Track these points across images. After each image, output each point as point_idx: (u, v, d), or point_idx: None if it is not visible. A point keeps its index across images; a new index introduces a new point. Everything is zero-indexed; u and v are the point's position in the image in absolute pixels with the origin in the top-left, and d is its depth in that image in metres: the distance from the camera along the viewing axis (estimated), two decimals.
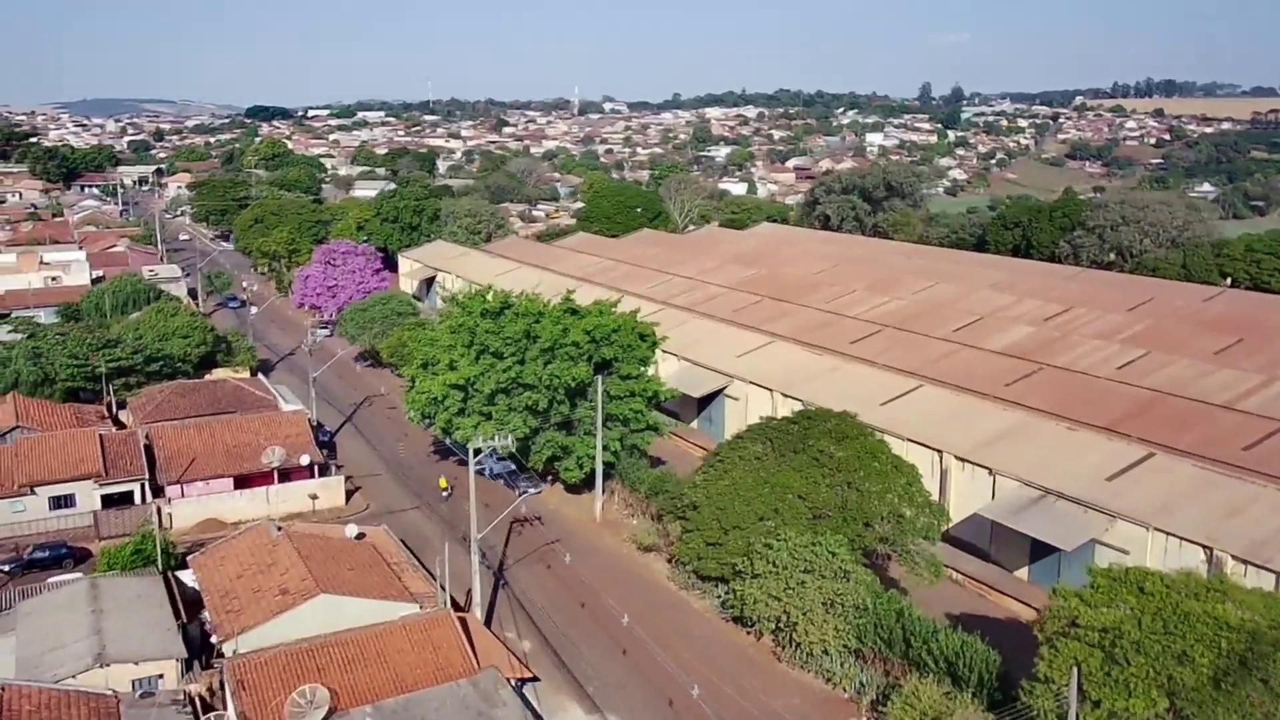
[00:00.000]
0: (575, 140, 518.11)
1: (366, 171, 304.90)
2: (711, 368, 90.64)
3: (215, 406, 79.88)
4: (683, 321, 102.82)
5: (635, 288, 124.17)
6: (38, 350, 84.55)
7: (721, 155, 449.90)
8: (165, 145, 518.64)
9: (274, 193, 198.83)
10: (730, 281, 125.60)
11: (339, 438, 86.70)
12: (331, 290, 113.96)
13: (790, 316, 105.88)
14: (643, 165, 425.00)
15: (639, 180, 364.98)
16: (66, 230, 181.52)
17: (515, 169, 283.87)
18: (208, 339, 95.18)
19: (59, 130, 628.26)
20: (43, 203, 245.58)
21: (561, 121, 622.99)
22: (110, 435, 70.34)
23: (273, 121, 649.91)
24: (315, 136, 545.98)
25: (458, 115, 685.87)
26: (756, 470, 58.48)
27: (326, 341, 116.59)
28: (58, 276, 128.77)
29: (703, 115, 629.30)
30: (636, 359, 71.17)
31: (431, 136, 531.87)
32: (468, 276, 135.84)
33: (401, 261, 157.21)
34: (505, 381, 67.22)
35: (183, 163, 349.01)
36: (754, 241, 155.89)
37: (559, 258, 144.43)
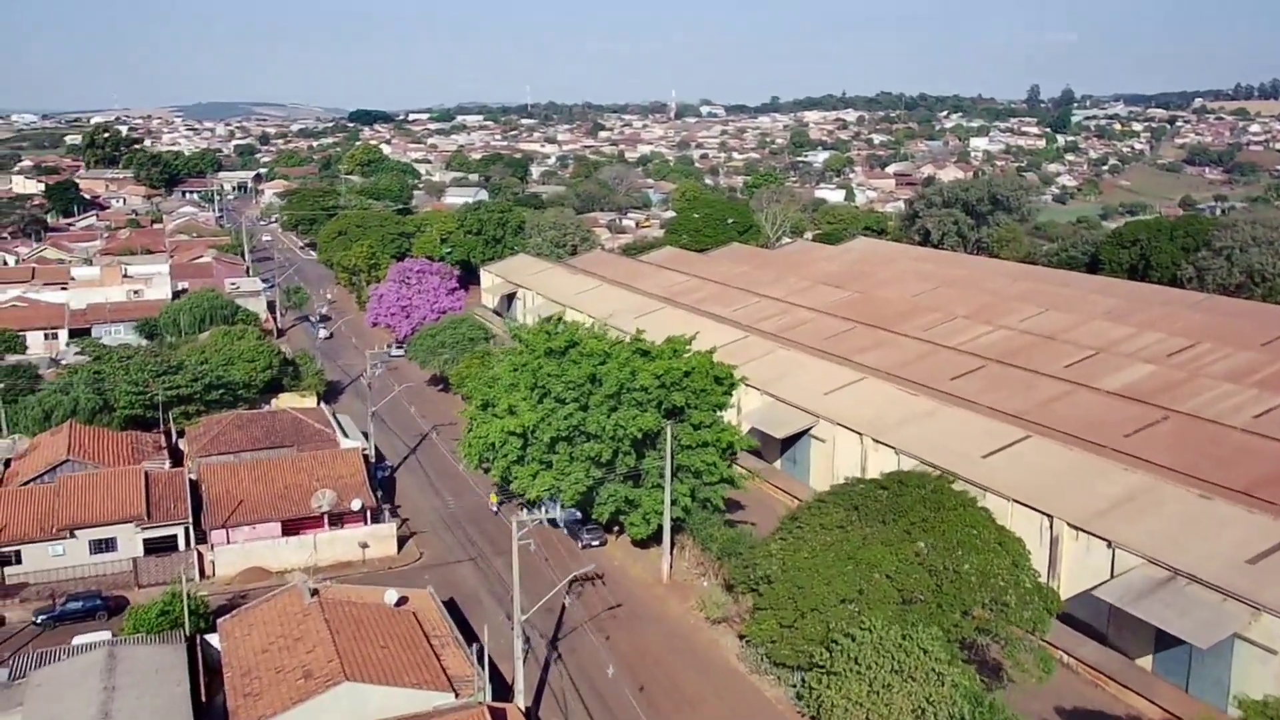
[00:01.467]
0: (671, 145, 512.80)
1: (459, 178, 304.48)
2: (797, 405, 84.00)
3: (272, 440, 76.46)
4: (768, 351, 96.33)
5: (720, 309, 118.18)
6: (100, 375, 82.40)
7: (819, 160, 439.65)
8: (270, 149, 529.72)
9: (362, 202, 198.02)
10: (821, 304, 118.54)
11: (401, 471, 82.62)
12: (405, 310, 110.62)
13: (884, 347, 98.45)
14: (738, 171, 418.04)
15: (733, 186, 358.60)
16: (160, 239, 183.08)
17: (607, 176, 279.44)
18: (274, 363, 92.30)
19: (172, 134, 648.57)
20: (144, 208, 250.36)
21: (658, 125, 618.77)
22: (156, 474, 67.16)
23: (374, 125, 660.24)
24: (414, 140, 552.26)
25: (554, 119, 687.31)
26: (840, 542, 52.00)
27: (399, 361, 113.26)
28: (140, 290, 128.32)
29: (801, 119, 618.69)
30: (711, 404, 65.12)
31: (527, 141, 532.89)
32: (548, 294, 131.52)
33: (483, 275, 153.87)
34: (566, 430, 61.90)
35: (282, 168, 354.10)
36: (848, 259, 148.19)
37: (643, 275, 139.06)
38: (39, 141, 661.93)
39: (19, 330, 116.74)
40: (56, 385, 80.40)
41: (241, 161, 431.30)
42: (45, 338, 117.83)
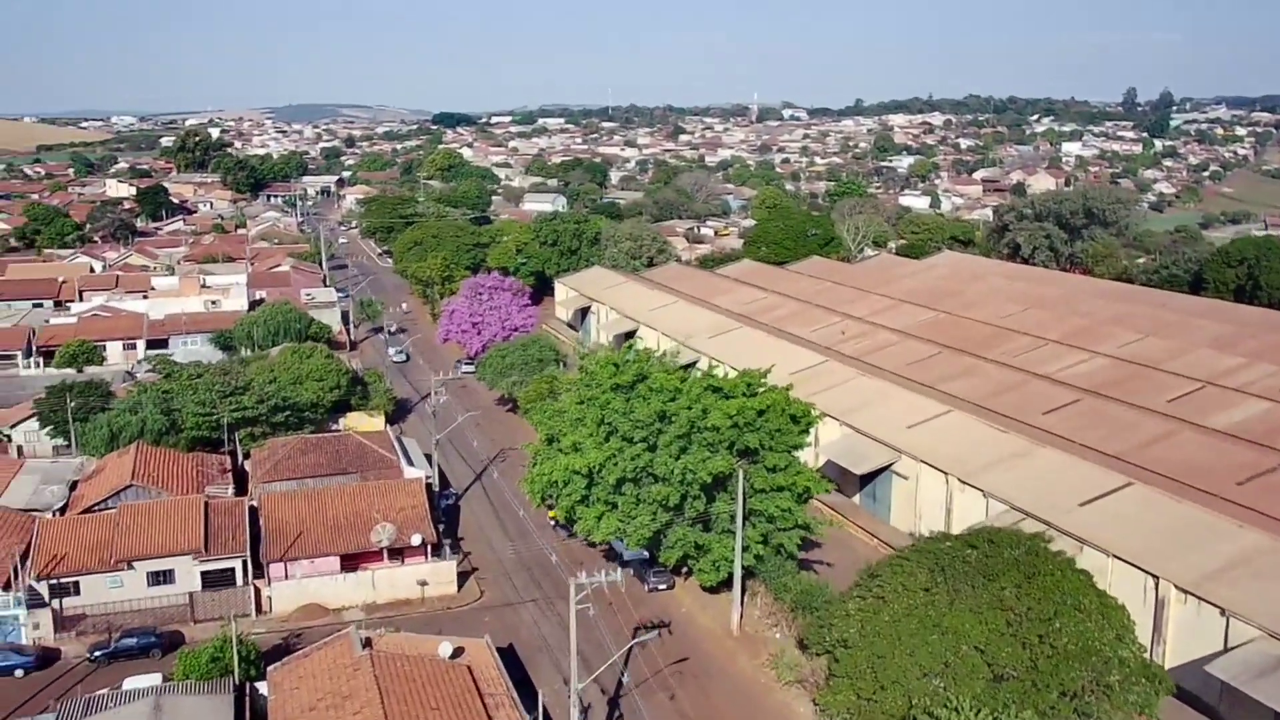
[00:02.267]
0: (752, 149, 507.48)
1: (538, 183, 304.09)
2: (878, 439, 79.81)
3: (335, 466, 74.94)
4: (848, 378, 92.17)
5: (799, 329, 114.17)
6: (168, 394, 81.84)
7: (904, 165, 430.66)
8: (355, 151, 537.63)
9: (440, 210, 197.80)
10: (905, 325, 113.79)
11: (465, 498, 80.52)
12: (476, 326, 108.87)
13: (972, 375, 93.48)
14: (819, 176, 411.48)
15: (814, 192, 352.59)
16: (242, 245, 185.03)
17: (686, 183, 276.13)
18: (342, 382, 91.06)
19: (262, 136, 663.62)
20: (229, 213, 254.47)
21: (739, 129, 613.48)
22: (216, 504, 65.89)
23: (456, 128, 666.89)
24: (495, 144, 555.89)
25: (635, 122, 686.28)
26: (924, 606, 48.13)
27: (468, 378, 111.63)
28: (217, 300, 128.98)
29: (885, 122, 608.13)
30: (787, 445, 61.50)
31: (607, 144, 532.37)
32: (622, 310, 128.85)
33: (558, 288, 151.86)
34: (633, 471, 58.87)
35: (365, 172, 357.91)
36: (933, 275, 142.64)
37: (719, 290, 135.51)
38: (136, 143, 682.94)
39: (100, 340, 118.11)
40: (126, 404, 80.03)
41: (327, 164, 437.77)
42: (124, 348, 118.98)
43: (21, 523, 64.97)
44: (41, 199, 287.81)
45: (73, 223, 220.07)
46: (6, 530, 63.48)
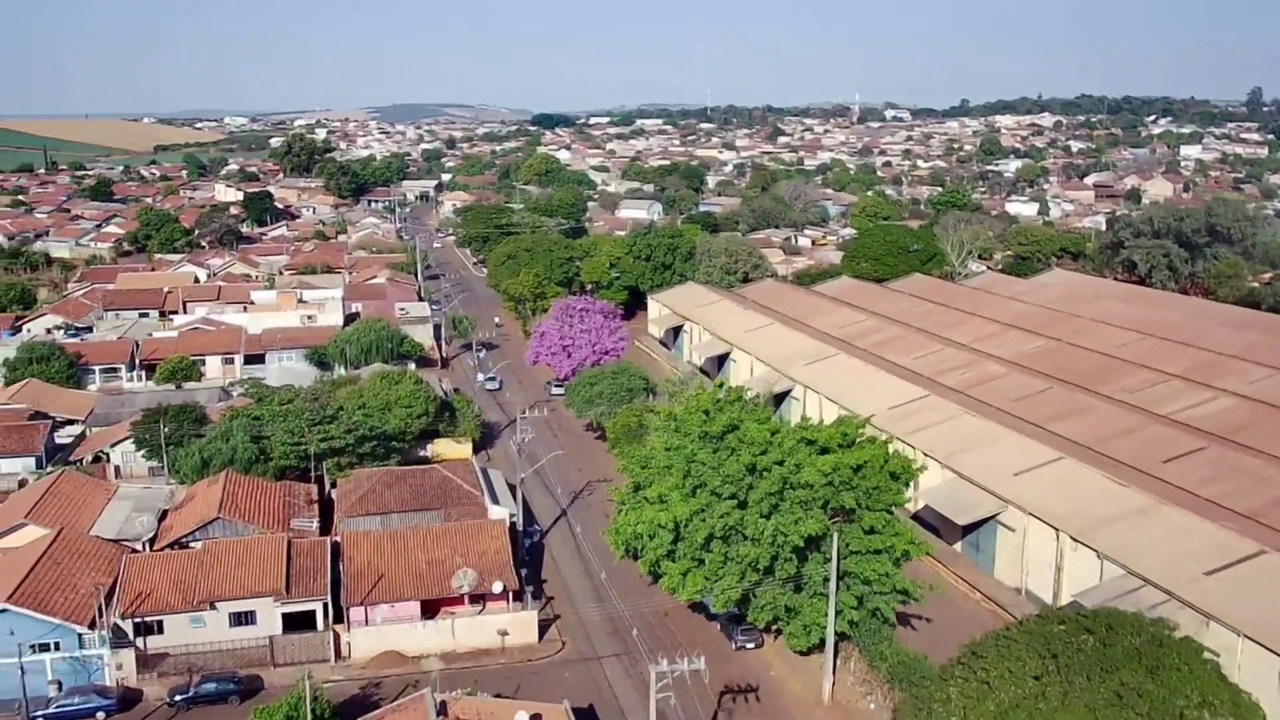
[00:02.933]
0: (852, 151, 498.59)
1: (634, 189, 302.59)
2: (983, 486, 75.50)
3: (420, 502, 73.86)
4: (951, 416, 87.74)
5: (899, 357, 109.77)
6: (258, 420, 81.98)
7: (1011, 169, 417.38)
8: (455, 153, 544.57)
9: (534, 220, 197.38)
10: (1012, 354, 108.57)
11: (550, 534, 78.72)
12: (567, 349, 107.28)
13: (1085, 414, 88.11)
14: (922, 180, 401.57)
15: (916, 197, 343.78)
16: (340, 254, 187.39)
17: (784, 191, 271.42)
18: (430, 410, 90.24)
19: (366, 137, 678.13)
20: (331, 218, 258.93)
21: (839, 130, 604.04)
22: (299, 544, 65.25)
23: (555, 129, 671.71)
24: (593, 146, 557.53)
25: (734, 123, 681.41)
26: (1034, 700, 44.31)
27: (558, 400, 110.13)
28: (313, 315, 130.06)
29: (992, 123, 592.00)
30: (885, 504, 58.01)
31: (705, 146, 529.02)
32: (715, 331, 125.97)
33: (651, 304, 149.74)
34: (721, 529, 56.09)
35: (463, 176, 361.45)
36: (1042, 296, 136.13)
37: (816, 310, 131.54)
38: (246, 144, 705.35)
39: (199, 355, 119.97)
40: (217, 431, 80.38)
41: (427, 166, 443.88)
42: (223, 362, 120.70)
43: (110, 555, 65.31)
44: (155, 202, 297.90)
45: (182, 228, 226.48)
46: (96, 563, 63.82)
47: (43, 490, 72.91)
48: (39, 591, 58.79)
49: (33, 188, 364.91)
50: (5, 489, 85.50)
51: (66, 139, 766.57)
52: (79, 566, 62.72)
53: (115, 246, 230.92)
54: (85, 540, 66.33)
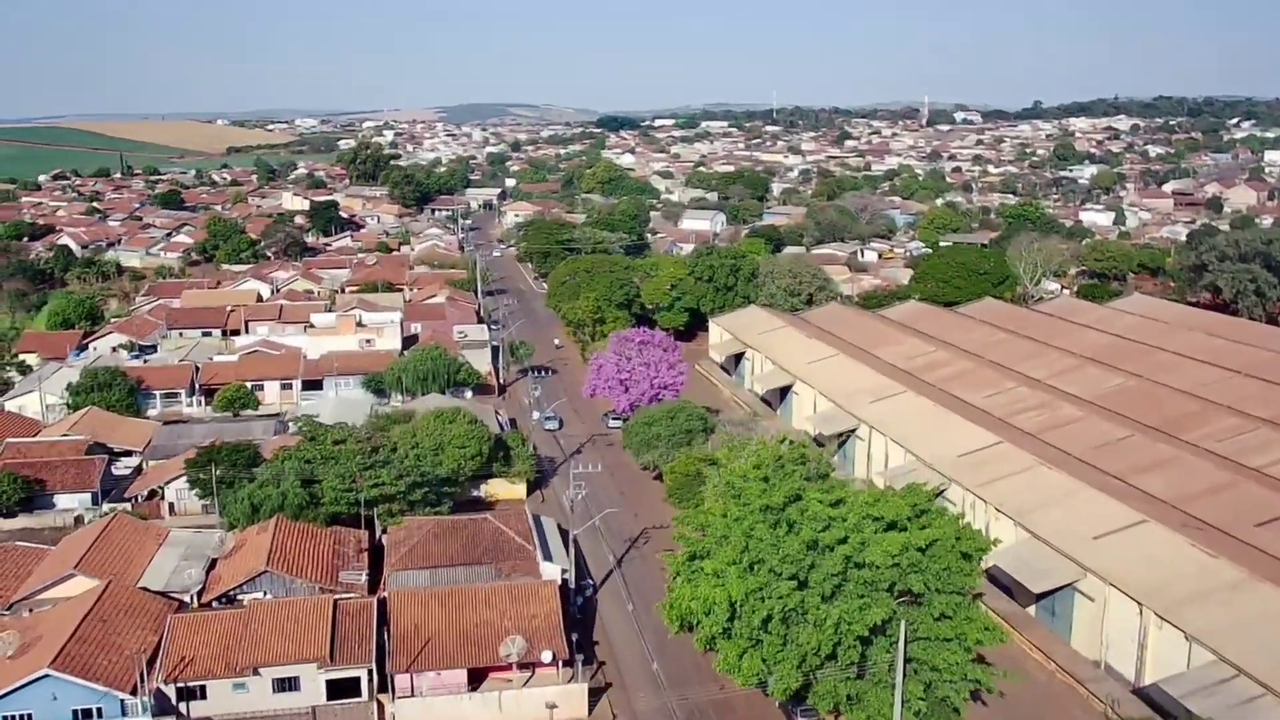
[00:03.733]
0: (920, 155, 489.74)
1: (698, 198, 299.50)
2: (1060, 549, 71.43)
3: (470, 555, 71.98)
4: (1025, 467, 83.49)
5: (969, 394, 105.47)
6: (310, 463, 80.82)
7: (1085, 176, 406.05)
8: (519, 156, 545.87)
9: (595, 235, 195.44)
10: (1090, 393, 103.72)
11: (603, 589, 76.27)
12: (624, 383, 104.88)
13: (1170, 467, 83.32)
14: (993, 187, 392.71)
15: (987, 205, 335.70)
16: (402, 270, 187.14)
17: (850, 204, 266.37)
18: (484, 450, 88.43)
19: (432, 139, 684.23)
20: (394, 228, 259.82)
21: (907, 134, 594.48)
22: (345, 606, 63.70)
23: (619, 132, 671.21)
24: (657, 149, 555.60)
25: (800, 125, 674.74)
26: None
27: (615, 433, 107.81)
28: (371, 340, 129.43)
29: (1066, 126, 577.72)
30: (956, 586, 54.55)
31: (770, 150, 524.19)
32: (777, 360, 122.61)
33: (712, 328, 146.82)
34: (780, 611, 53.11)
35: (526, 184, 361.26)
36: (1121, 325, 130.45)
37: (882, 339, 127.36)
38: (316, 145, 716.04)
39: (257, 380, 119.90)
40: (268, 474, 79.32)
41: (492, 171, 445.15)
42: (281, 387, 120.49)
43: (157, 611, 64.39)
44: (223, 210, 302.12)
45: (248, 239, 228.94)
46: (142, 621, 62.91)
47: (94, 536, 72.36)
48: (83, 654, 57.86)
49: (108, 193, 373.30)
50: (62, 525, 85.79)
51: (143, 140, 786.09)
52: (125, 625, 61.81)
53: (184, 256, 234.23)
54: (132, 594, 65.48)
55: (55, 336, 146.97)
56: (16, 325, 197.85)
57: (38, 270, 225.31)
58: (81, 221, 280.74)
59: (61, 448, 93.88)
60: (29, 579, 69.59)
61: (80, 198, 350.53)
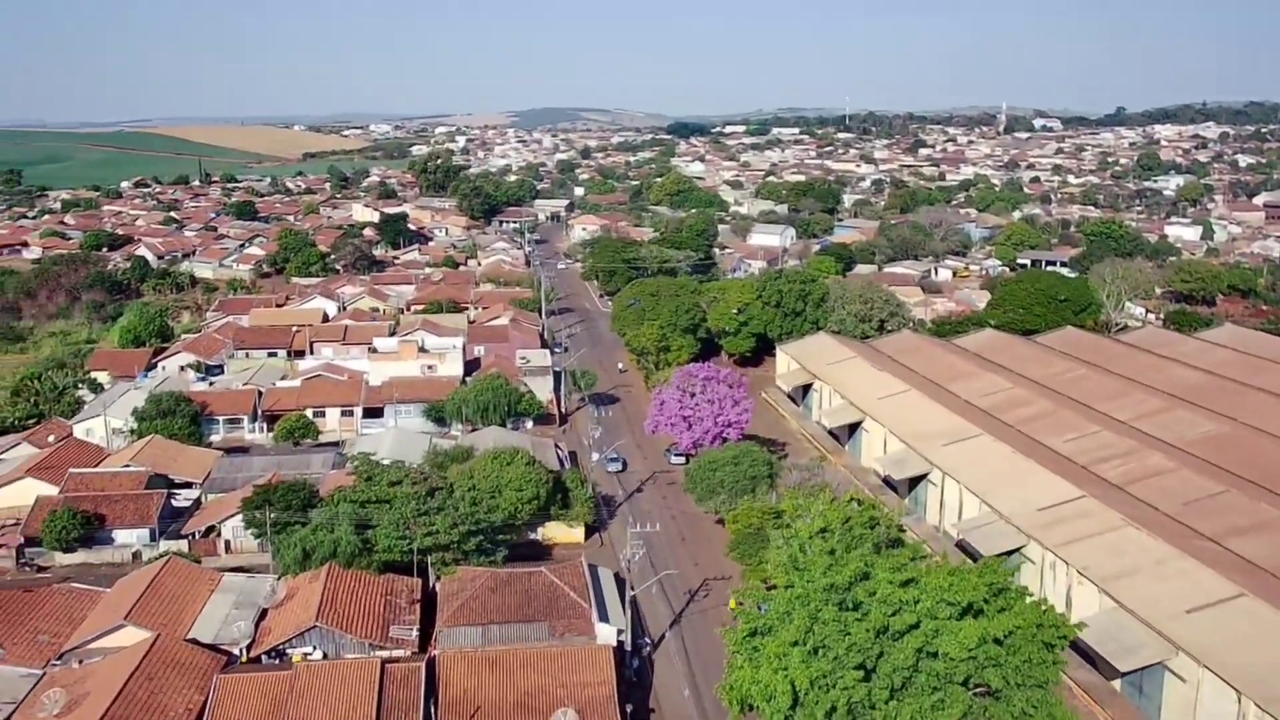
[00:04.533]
0: (997, 165, 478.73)
1: (767, 211, 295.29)
2: (1149, 623, 66.78)
3: (523, 612, 69.67)
4: (1111, 526, 78.66)
5: (1049, 438, 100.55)
6: (364, 507, 79.31)
7: (1171, 187, 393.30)
8: (589, 164, 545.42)
9: (661, 254, 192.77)
10: (1179, 439, 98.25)
11: (662, 650, 73.36)
12: (688, 420, 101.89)
13: (1270, 531, 77.88)
14: (1073, 198, 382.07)
15: (1066, 218, 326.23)
16: (467, 289, 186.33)
17: (923, 219, 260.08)
18: (541, 493, 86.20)
19: (503, 146, 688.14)
20: (462, 241, 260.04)
21: (984, 141, 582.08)
22: (393, 670, 61.71)
23: (690, 139, 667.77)
24: (727, 157, 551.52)
25: (873, 132, 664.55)
26: None
27: (677, 470, 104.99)
28: (433, 365, 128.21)
29: (1150, 134, 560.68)
30: (1038, 680, 50.62)
31: (842, 159, 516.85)
32: (846, 394, 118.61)
33: (779, 356, 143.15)
34: (845, 704, 49.74)
35: (594, 195, 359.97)
36: (1212, 359, 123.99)
37: (957, 373, 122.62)
38: (389, 151, 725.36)
39: (319, 406, 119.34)
40: (322, 518, 77.96)
41: (561, 180, 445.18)
42: (342, 414, 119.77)
43: (205, 667, 63.15)
44: (295, 221, 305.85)
45: (318, 252, 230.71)
46: (190, 678, 61.68)
47: (146, 582, 71.49)
48: (128, 716, 56.68)
49: (186, 201, 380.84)
50: (120, 561, 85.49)
51: (223, 145, 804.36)
52: (171, 683, 60.60)
53: (255, 269, 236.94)
54: (180, 649, 64.30)
55: (126, 355, 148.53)
56: (93, 336, 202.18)
57: (115, 281, 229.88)
58: (158, 231, 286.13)
59: (122, 479, 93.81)
60: (81, 626, 68.95)
61: (159, 205, 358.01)
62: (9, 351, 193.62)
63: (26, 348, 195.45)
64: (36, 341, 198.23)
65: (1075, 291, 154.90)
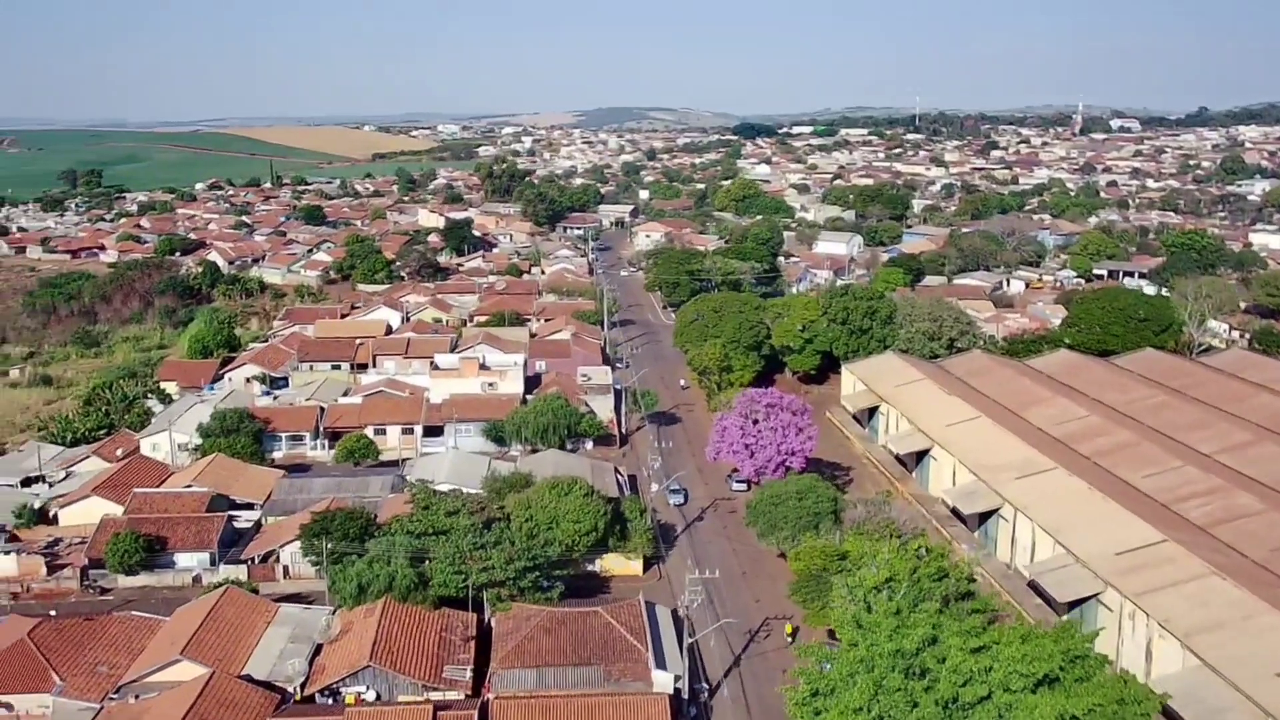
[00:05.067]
0: (1073, 168, 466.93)
1: (834, 219, 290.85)
2: (1239, 686, 63.02)
3: (578, 655, 68.23)
4: (1195, 575, 74.71)
5: (1128, 473, 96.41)
6: (420, 535, 78.60)
7: (1256, 192, 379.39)
8: (654, 166, 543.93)
9: (725, 266, 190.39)
10: (1269, 476, 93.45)
11: (719, 698, 71.34)
12: (750, 448, 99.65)
13: None
14: (1153, 204, 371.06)
15: (1145, 225, 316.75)
16: (530, 300, 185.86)
17: (995, 228, 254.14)
18: (599, 525, 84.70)
19: (569, 148, 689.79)
20: (526, 248, 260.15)
21: (1059, 143, 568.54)
22: (446, 716, 60.60)
23: (756, 140, 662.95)
24: (794, 158, 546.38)
25: (943, 133, 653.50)
26: None
27: (738, 498, 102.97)
28: (494, 383, 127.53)
29: (1234, 135, 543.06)
30: None
31: (912, 161, 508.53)
32: (914, 419, 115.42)
33: (845, 375, 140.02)
34: None
35: (659, 200, 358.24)
36: None
37: (1030, 399, 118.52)
38: (456, 152, 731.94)
39: (380, 424, 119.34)
40: (377, 550, 77.29)
41: (625, 182, 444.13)
42: (402, 433, 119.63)
43: (258, 706, 62.76)
44: (363, 225, 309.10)
45: (383, 259, 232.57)
46: (242, 718, 61.19)
47: (204, 613, 71.38)
48: None
49: (257, 204, 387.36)
50: (181, 585, 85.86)
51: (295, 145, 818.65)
52: None
53: (322, 275, 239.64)
54: (234, 687, 63.90)
55: (193, 365, 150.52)
56: (165, 342, 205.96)
57: (187, 286, 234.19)
58: (229, 236, 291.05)
59: (185, 500, 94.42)
60: (140, 658, 68.99)
61: (231, 209, 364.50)
62: (84, 356, 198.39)
63: (101, 352, 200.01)
64: (111, 347, 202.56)
65: (1156, 310, 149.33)
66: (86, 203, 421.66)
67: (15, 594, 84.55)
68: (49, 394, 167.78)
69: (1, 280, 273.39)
